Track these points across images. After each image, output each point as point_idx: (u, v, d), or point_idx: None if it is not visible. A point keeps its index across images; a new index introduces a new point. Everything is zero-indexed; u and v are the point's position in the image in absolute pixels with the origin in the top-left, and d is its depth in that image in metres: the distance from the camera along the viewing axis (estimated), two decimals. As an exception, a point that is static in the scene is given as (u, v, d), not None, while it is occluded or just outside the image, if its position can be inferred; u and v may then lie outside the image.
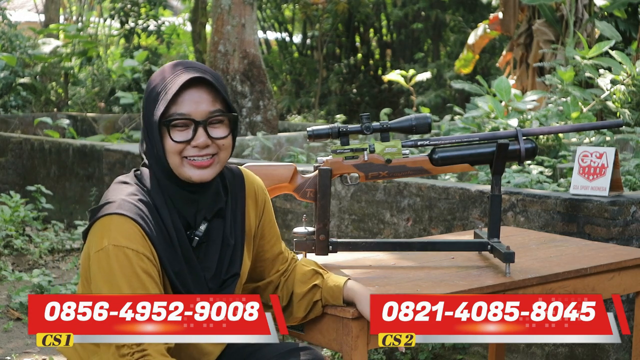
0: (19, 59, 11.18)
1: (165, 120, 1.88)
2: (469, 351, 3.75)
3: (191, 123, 1.89)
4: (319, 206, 2.43)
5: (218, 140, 1.92)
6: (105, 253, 1.82)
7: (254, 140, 6.88)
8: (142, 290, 1.82)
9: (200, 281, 1.95)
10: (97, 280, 1.84)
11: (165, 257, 1.88)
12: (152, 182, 1.92)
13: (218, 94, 1.92)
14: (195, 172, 1.91)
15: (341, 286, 2.09)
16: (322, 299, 2.10)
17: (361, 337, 2.08)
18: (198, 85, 1.90)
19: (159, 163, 1.92)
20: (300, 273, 2.15)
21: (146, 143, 1.94)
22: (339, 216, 4.39)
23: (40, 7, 16.66)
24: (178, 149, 1.89)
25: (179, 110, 1.88)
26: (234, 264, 2.01)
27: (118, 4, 13.85)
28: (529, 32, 9.43)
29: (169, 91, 1.87)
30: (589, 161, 3.32)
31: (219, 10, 8.18)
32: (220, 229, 1.99)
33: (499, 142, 2.44)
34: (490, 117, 5.59)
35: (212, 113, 1.90)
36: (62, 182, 7.10)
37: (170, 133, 1.89)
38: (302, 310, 2.12)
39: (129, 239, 1.83)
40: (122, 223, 1.84)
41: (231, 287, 2.01)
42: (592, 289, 2.52)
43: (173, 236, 1.90)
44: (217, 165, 1.94)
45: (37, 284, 4.83)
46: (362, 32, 15.72)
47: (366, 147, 2.46)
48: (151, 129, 1.90)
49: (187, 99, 1.89)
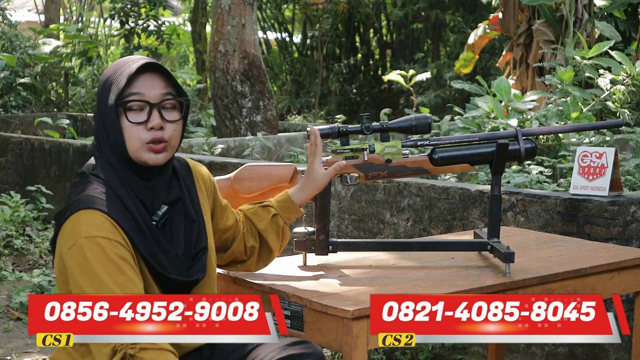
0: (19, 59, 11.18)
1: (121, 101, 1.96)
2: (469, 351, 3.75)
3: (146, 106, 1.98)
4: (319, 206, 2.43)
5: (170, 124, 2.00)
6: (79, 247, 1.86)
7: (254, 140, 6.89)
8: (120, 276, 1.85)
9: (172, 258, 2.01)
10: (74, 274, 1.87)
11: (137, 240, 1.93)
12: (108, 173, 1.99)
13: (169, 80, 2.02)
14: (151, 156, 1.98)
15: (287, 196, 2.31)
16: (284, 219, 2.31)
17: (361, 337, 2.08)
18: (150, 71, 2.00)
19: (115, 150, 1.98)
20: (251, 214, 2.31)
21: (100, 133, 2.00)
22: (339, 216, 4.39)
23: (40, 7, 16.65)
24: (135, 131, 1.97)
25: (133, 91, 1.97)
26: (200, 239, 2.09)
27: (118, 4, 13.85)
28: (529, 32, 9.43)
29: (124, 76, 1.96)
30: (589, 161, 3.32)
31: (219, 11, 8.18)
32: (181, 211, 2.07)
33: (499, 142, 2.44)
34: (490, 117, 5.59)
35: (164, 95, 2.00)
36: (62, 182, 7.10)
37: (126, 115, 1.97)
38: (274, 239, 2.30)
39: (99, 228, 1.88)
40: (89, 215, 1.89)
41: (202, 259, 2.08)
42: (592, 289, 2.52)
43: (140, 221, 1.96)
44: (170, 150, 2.02)
45: (37, 284, 4.83)
46: (362, 32, 15.71)
47: (366, 147, 2.46)
48: (107, 114, 1.97)
49: (141, 82, 1.98)
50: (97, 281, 1.84)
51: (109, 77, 1.99)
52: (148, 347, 1.80)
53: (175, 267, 2.00)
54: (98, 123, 2.00)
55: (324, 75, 14.66)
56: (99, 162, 2.01)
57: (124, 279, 1.86)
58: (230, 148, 7.01)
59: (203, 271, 2.07)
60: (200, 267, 2.06)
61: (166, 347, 1.83)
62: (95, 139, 2.02)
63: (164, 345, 1.83)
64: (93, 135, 2.05)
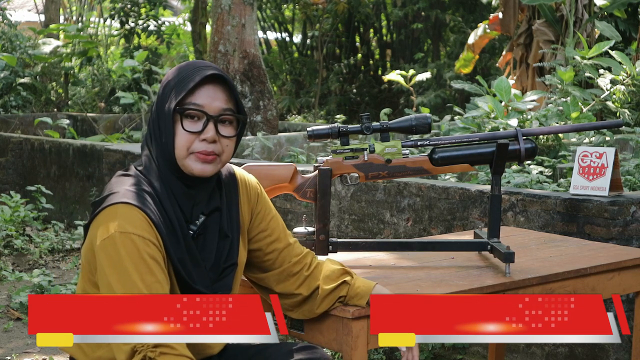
0: (19, 59, 11.18)
1: (180, 108, 1.93)
2: (469, 351, 3.75)
3: (203, 116, 1.95)
4: (319, 206, 2.43)
5: (223, 139, 1.97)
6: (112, 240, 1.85)
7: (254, 140, 6.88)
8: (150, 276, 1.84)
9: (201, 270, 1.99)
10: (104, 267, 1.86)
11: (169, 244, 1.92)
12: (153, 173, 1.97)
13: (232, 94, 1.99)
14: (198, 166, 1.95)
15: (370, 288, 2.11)
16: (347, 295, 2.12)
17: (361, 337, 2.08)
18: (215, 82, 1.97)
19: (165, 152, 1.96)
20: (329, 270, 2.16)
21: (154, 133, 1.98)
22: (339, 216, 4.39)
23: (40, 7, 16.66)
24: (187, 139, 1.94)
25: (194, 101, 1.94)
26: (232, 255, 2.05)
27: (118, 4, 13.85)
28: (529, 32, 9.43)
29: (189, 83, 1.93)
30: (589, 161, 3.32)
31: (219, 10, 8.18)
32: (217, 223, 2.03)
33: (499, 142, 2.44)
34: (490, 117, 5.59)
35: (224, 110, 1.96)
36: (62, 182, 7.10)
37: (182, 122, 1.94)
38: (324, 306, 2.12)
39: (135, 225, 1.86)
40: (127, 211, 1.87)
41: (230, 276, 2.05)
42: (592, 289, 2.52)
43: (176, 225, 1.94)
44: (219, 164, 1.99)
45: (37, 284, 4.83)
46: (362, 32, 15.72)
47: (366, 147, 2.46)
48: (163, 117, 1.95)
49: (204, 93, 1.95)
50: (125, 277, 1.83)
51: (173, 79, 1.97)
52: (168, 352, 1.80)
53: (201, 279, 1.98)
54: (154, 122, 1.98)
55: (324, 75, 14.66)
56: (146, 160, 1.99)
57: (152, 279, 1.85)
58: (230, 148, 6.99)
59: (227, 289, 2.04)
60: (226, 284, 2.04)
61: (186, 354, 1.83)
62: (148, 136, 2.00)
63: (183, 352, 1.82)
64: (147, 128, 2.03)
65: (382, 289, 2.11)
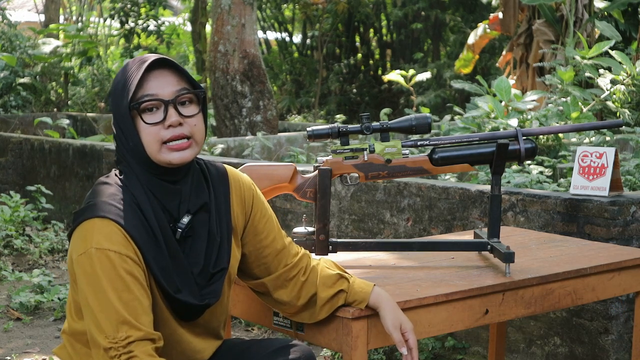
0: (19, 59, 11.18)
1: (135, 103, 1.88)
2: (469, 351, 3.75)
3: (160, 104, 1.89)
4: (319, 206, 2.43)
5: (189, 119, 1.91)
6: (88, 256, 1.82)
7: (254, 140, 6.89)
8: (127, 293, 1.80)
9: (187, 276, 1.93)
10: (81, 282, 1.84)
11: (149, 255, 1.87)
12: (132, 179, 1.92)
13: (182, 74, 1.94)
14: (175, 155, 1.90)
15: (369, 292, 2.08)
16: (346, 301, 2.09)
17: (361, 337, 2.08)
18: (160, 68, 1.91)
19: (136, 155, 1.91)
20: (325, 276, 2.11)
21: (120, 140, 1.93)
22: (339, 216, 4.39)
23: (40, 7, 16.66)
24: (153, 133, 1.88)
25: (146, 92, 1.89)
26: (221, 258, 1.99)
27: (118, 4, 13.85)
28: (529, 32, 9.43)
29: (134, 78, 1.88)
30: (589, 161, 3.32)
31: (219, 10, 8.18)
32: (206, 224, 1.98)
33: (499, 142, 2.44)
34: (490, 117, 5.59)
35: (179, 91, 1.91)
36: (62, 182, 7.10)
37: (142, 117, 1.89)
38: (324, 313, 2.09)
39: (111, 241, 1.82)
40: (103, 226, 1.83)
41: (219, 281, 1.98)
42: (592, 289, 2.52)
43: (157, 232, 1.89)
44: (195, 147, 1.93)
45: (37, 284, 4.83)
46: (362, 32, 15.72)
47: (366, 147, 2.46)
48: (122, 120, 1.90)
49: (152, 82, 1.90)
50: (101, 295, 1.80)
51: (120, 81, 1.92)
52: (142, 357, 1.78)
53: (188, 286, 1.93)
54: (116, 128, 1.93)
55: (324, 75, 14.66)
56: (122, 168, 1.94)
57: (129, 297, 1.80)
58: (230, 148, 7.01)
59: (216, 296, 1.97)
60: (215, 291, 1.97)
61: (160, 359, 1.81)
62: (115, 145, 1.96)
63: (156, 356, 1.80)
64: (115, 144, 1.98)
65: (380, 291, 2.09)
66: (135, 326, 1.79)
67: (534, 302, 2.39)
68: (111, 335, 1.78)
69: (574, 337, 3.38)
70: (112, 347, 1.78)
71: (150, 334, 1.81)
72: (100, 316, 1.79)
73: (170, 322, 1.94)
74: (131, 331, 1.78)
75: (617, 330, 3.30)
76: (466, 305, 2.25)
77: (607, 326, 3.29)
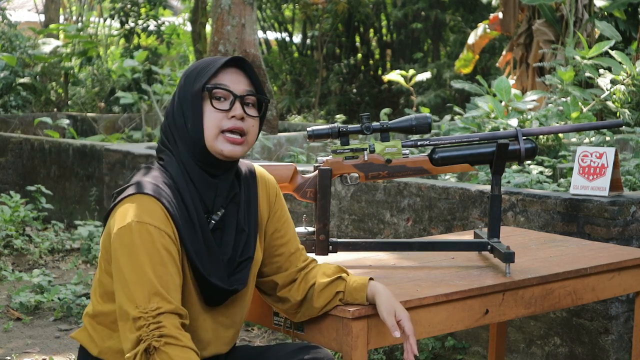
0: (19, 59, 11.18)
1: (210, 86, 1.98)
2: (469, 351, 3.75)
3: (230, 96, 2.00)
4: (319, 206, 2.43)
5: (249, 119, 2.02)
6: (128, 229, 1.87)
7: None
8: (162, 267, 1.86)
9: (217, 262, 2.00)
10: (118, 255, 1.88)
11: (186, 236, 1.94)
12: (175, 166, 1.99)
13: (254, 79, 2.06)
14: (228, 147, 1.99)
15: (366, 283, 2.11)
16: (344, 291, 2.11)
17: (361, 337, 2.08)
18: (237, 67, 2.04)
19: (189, 140, 1.98)
20: (324, 267, 2.17)
21: (176, 123, 2.01)
22: (339, 216, 4.39)
23: (40, 7, 16.67)
24: (217, 118, 1.98)
25: (220, 82, 2.00)
26: (248, 248, 2.07)
27: (118, 4, 13.85)
28: (529, 32, 9.43)
29: (213, 67, 2.00)
30: (589, 161, 3.32)
31: (219, 10, 8.18)
32: (235, 216, 2.05)
33: (499, 142, 2.44)
34: (490, 117, 5.59)
35: (248, 91, 2.03)
36: (62, 182, 7.10)
37: (212, 101, 1.98)
38: (322, 300, 2.11)
39: (152, 216, 1.89)
40: (145, 202, 1.90)
41: (246, 270, 2.06)
42: (592, 289, 2.52)
43: (194, 218, 1.96)
44: (246, 146, 2.03)
45: (37, 284, 4.83)
46: (362, 32, 15.72)
47: (366, 147, 2.46)
48: (191, 99, 1.99)
49: (228, 76, 2.02)
50: (137, 266, 1.85)
51: (196, 68, 2.03)
52: (173, 343, 1.81)
53: (217, 271, 1.99)
54: (176, 113, 2.01)
55: (324, 75, 14.66)
56: (167, 155, 2.02)
57: (164, 271, 1.86)
58: (230, 148, 6.99)
59: (244, 283, 2.05)
60: (242, 278, 2.05)
61: (190, 346, 1.84)
62: (167, 130, 2.03)
63: (187, 343, 1.83)
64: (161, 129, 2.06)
65: (377, 284, 2.11)
66: (166, 298, 1.84)
67: (534, 302, 2.39)
68: (142, 305, 1.83)
69: (574, 337, 3.38)
70: (142, 317, 1.82)
71: (180, 308, 1.87)
72: (133, 287, 1.84)
73: (196, 306, 1.99)
74: (162, 303, 1.83)
75: (617, 330, 3.30)
76: (466, 305, 2.26)
77: (607, 326, 3.29)
